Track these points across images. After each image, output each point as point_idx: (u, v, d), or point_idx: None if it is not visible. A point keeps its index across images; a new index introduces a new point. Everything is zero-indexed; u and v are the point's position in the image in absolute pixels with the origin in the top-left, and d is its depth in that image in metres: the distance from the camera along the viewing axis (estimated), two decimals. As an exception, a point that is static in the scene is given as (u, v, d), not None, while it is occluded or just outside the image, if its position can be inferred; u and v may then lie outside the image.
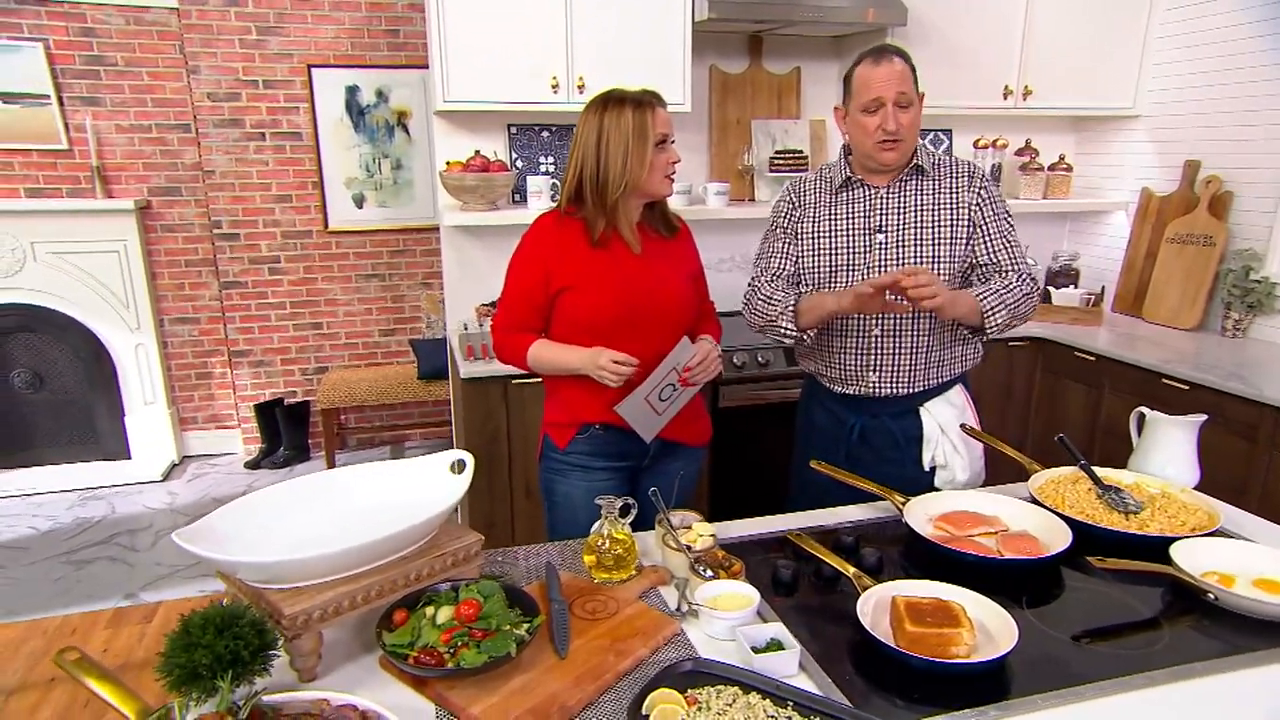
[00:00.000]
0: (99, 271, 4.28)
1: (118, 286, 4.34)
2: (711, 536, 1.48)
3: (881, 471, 1.80)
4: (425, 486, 1.39)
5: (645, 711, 1.04)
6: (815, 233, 1.98)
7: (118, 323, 4.38)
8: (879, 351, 1.94)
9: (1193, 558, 1.41)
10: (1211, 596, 1.33)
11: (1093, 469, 1.73)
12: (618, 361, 1.71)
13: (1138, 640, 1.28)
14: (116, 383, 4.46)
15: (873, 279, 1.74)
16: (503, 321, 1.88)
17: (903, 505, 1.64)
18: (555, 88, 2.92)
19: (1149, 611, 1.36)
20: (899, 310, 1.84)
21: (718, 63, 3.38)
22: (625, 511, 1.47)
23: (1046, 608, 1.37)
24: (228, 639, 1.01)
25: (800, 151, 3.40)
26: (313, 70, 4.36)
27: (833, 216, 1.97)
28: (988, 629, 1.24)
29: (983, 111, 3.45)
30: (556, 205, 1.87)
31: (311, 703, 1.02)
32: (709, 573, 1.38)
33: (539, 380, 2.07)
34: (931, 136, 3.70)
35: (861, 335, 1.94)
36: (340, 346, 4.77)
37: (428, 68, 3.28)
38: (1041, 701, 1.11)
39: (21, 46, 4.02)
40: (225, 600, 1.09)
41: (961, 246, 1.90)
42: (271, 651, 1.07)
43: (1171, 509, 1.61)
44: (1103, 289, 3.53)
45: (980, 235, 1.91)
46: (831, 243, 1.96)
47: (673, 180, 1.83)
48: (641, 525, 1.57)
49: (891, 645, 1.18)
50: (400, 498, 1.37)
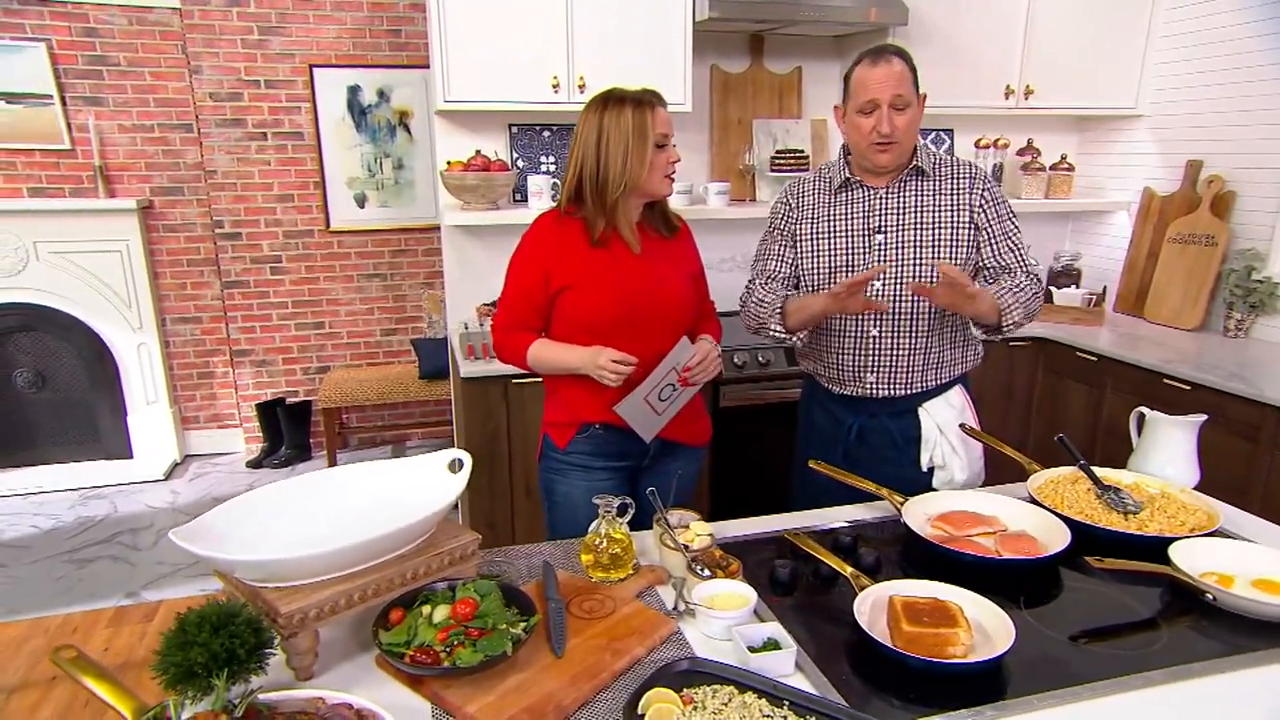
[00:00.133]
0: (101, 271, 4.30)
1: (120, 286, 4.35)
2: (709, 536, 1.48)
3: (880, 472, 1.79)
4: (422, 485, 1.39)
5: (641, 711, 1.04)
6: (815, 234, 1.98)
7: (120, 322, 4.39)
8: (877, 352, 1.93)
9: (1192, 558, 1.41)
10: (1210, 597, 1.32)
11: (1092, 469, 1.73)
12: (617, 361, 1.71)
13: (1136, 640, 1.28)
14: (119, 382, 4.47)
15: (848, 278, 1.75)
16: (503, 321, 1.88)
17: (901, 505, 1.64)
18: (556, 87, 2.92)
19: (1147, 612, 1.35)
20: (879, 309, 1.85)
21: (719, 62, 3.38)
22: (623, 511, 1.47)
23: (1045, 608, 1.36)
24: (223, 637, 1.01)
25: (801, 151, 3.40)
26: (314, 70, 4.37)
27: (832, 217, 1.96)
28: (985, 629, 1.23)
29: (984, 111, 3.44)
30: (557, 205, 1.87)
31: (307, 701, 1.02)
32: (706, 572, 1.38)
33: (539, 380, 2.07)
34: (933, 136, 3.69)
35: (859, 336, 1.94)
36: (342, 346, 4.78)
37: (429, 67, 3.28)
38: (1038, 702, 1.11)
39: (24, 46, 4.03)
40: (222, 599, 1.10)
41: (963, 248, 1.89)
42: (268, 650, 1.07)
43: (1171, 509, 1.61)
44: (1104, 289, 3.52)
45: (986, 238, 1.90)
46: (831, 243, 1.95)
47: (673, 180, 1.83)
48: (641, 525, 1.58)
49: (888, 645, 1.18)
50: (397, 497, 1.37)
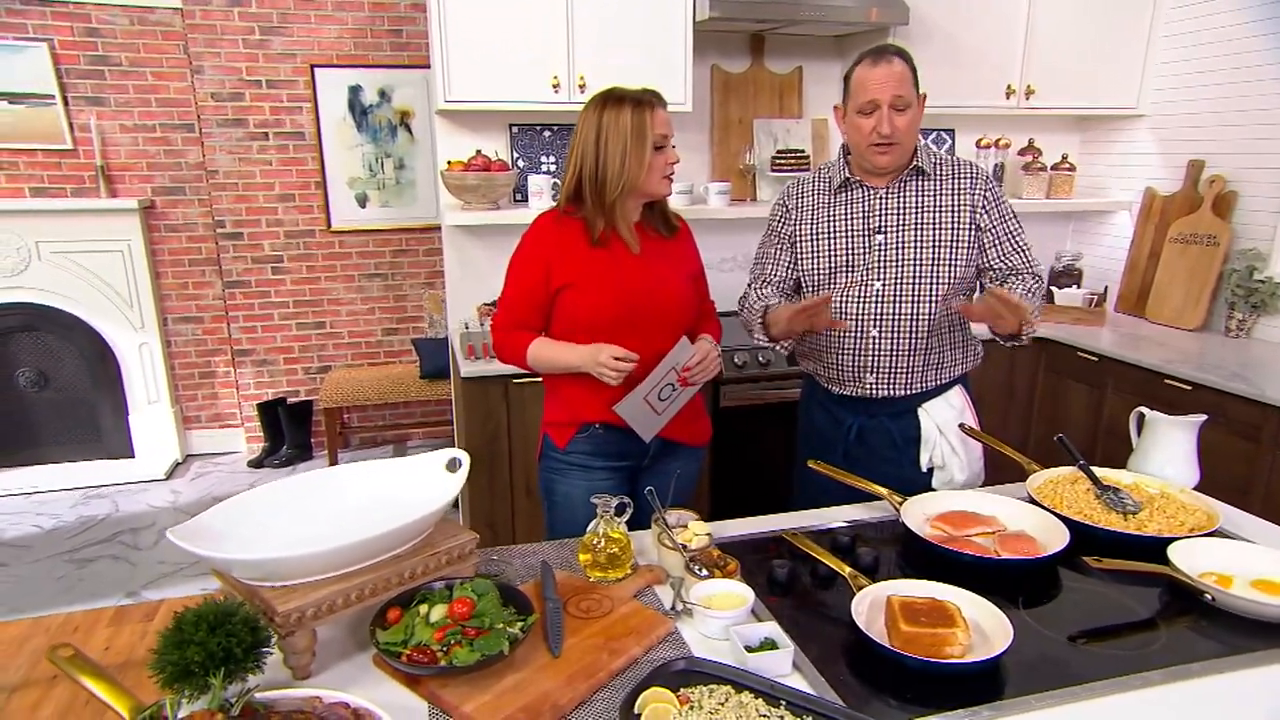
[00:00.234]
0: (103, 271, 4.30)
1: (122, 286, 4.36)
2: (707, 535, 1.48)
3: (879, 472, 1.78)
4: (420, 485, 1.39)
5: (637, 710, 1.04)
6: (815, 234, 1.97)
7: (122, 322, 4.40)
8: (877, 352, 1.92)
9: (1190, 558, 1.41)
10: (1209, 597, 1.32)
11: (1091, 469, 1.72)
12: (619, 358, 1.70)
13: (1134, 641, 1.27)
14: (120, 382, 4.48)
15: (801, 302, 1.78)
16: (503, 320, 1.87)
17: (900, 505, 1.64)
18: (556, 87, 2.92)
19: (1146, 612, 1.35)
20: (842, 328, 1.85)
21: (719, 62, 3.37)
22: (620, 510, 1.47)
23: (1043, 608, 1.36)
24: (220, 636, 1.01)
25: (802, 151, 3.40)
26: (316, 70, 4.37)
27: (832, 217, 1.96)
28: (983, 629, 1.23)
29: (985, 111, 3.43)
30: (556, 204, 1.87)
31: (304, 700, 1.02)
32: (704, 572, 1.38)
33: (539, 380, 2.06)
34: (934, 136, 3.69)
35: (859, 336, 1.93)
36: (343, 346, 4.78)
37: (430, 67, 3.29)
38: (1036, 702, 1.11)
39: (26, 47, 4.04)
40: (220, 598, 1.10)
41: (964, 248, 1.89)
42: (264, 649, 1.07)
43: (1170, 509, 1.60)
44: (1106, 289, 3.51)
45: (990, 239, 1.90)
46: (831, 244, 1.95)
47: (671, 180, 1.83)
48: (640, 525, 1.58)
49: (886, 645, 1.17)
50: (395, 496, 1.37)
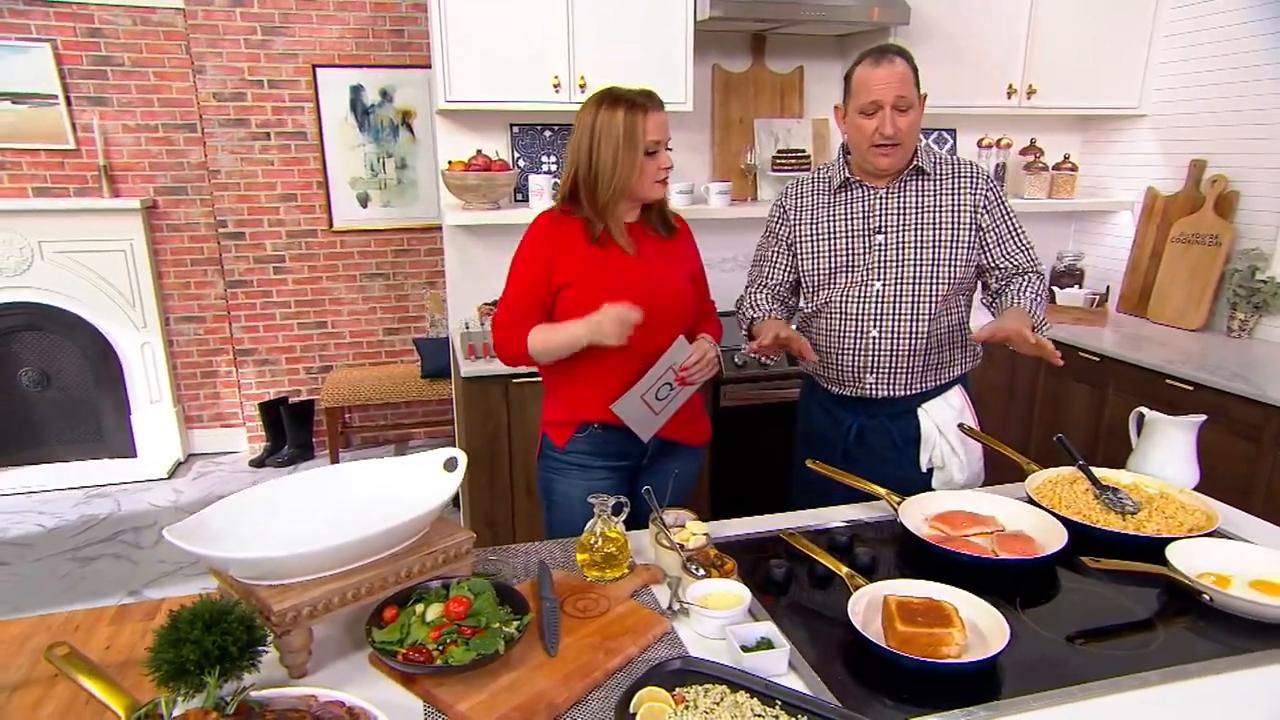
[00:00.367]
0: (105, 270, 4.31)
1: (124, 285, 4.36)
2: (705, 535, 1.48)
3: (879, 472, 1.78)
4: (417, 484, 1.39)
5: (632, 709, 1.04)
6: (815, 234, 1.96)
7: (124, 321, 4.41)
8: (876, 353, 1.92)
9: (1189, 559, 1.40)
10: (1207, 598, 1.32)
11: (1090, 469, 1.72)
12: (623, 319, 1.63)
13: (1132, 641, 1.27)
14: (122, 381, 4.49)
15: (783, 334, 1.75)
16: (503, 319, 1.84)
17: (899, 505, 1.63)
18: (557, 87, 2.92)
19: (1144, 612, 1.35)
20: (809, 358, 1.81)
21: (720, 62, 3.37)
22: (618, 510, 1.47)
23: (1041, 608, 1.36)
24: (216, 634, 1.02)
25: (803, 151, 3.39)
26: (317, 70, 4.38)
27: (832, 217, 1.95)
28: (980, 629, 1.23)
29: (987, 111, 3.43)
30: (555, 204, 1.87)
31: (299, 699, 1.02)
32: (701, 571, 1.38)
33: (539, 379, 2.06)
34: (935, 136, 3.68)
35: (859, 336, 1.92)
36: (344, 345, 4.79)
37: (431, 67, 3.29)
38: (1033, 702, 1.10)
39: (29, 47, 4.05)
40: (217, 596, 1.10)
41: (964, 248, 1.88)
42: (260, 648, 1.07)
43: (1169, 509, 1.60)
44: (1107, 289, 3.50)
45: (994, 239, 1.89)
46: (831, 244, 1.94)
47: (665, 185, 1.82)
48: (639, 524, 1.57)
49: (882, 645, 1.17)
50: (392, 495, 1.37)
